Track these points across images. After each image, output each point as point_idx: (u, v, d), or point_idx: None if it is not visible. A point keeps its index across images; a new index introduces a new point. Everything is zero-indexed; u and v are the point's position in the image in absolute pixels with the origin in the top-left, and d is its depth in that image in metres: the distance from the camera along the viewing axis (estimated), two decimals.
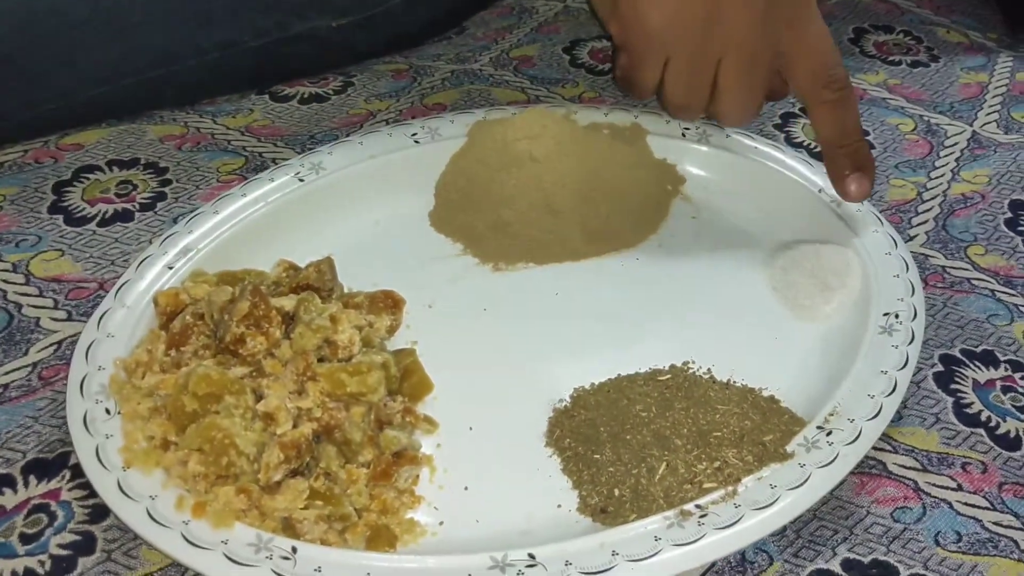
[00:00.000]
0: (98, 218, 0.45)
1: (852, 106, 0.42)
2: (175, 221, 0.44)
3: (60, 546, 0.32)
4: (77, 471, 0.33)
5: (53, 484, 0.33)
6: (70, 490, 0.33)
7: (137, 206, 0.46)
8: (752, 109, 0.43)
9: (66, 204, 0.46)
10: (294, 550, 0.30)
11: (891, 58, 0.61)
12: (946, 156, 0.52)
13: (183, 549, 0.30)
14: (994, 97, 0.57)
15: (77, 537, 0.32)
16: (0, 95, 0.48)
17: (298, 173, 0.44)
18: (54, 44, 0.48)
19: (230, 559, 0.29)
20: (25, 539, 0.32)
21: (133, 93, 0.52)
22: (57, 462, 0.34)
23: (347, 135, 0.49)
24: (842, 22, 0.64)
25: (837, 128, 0.42)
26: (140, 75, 0.52)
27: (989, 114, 0.56)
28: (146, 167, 0.48)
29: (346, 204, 0.44)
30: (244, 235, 0.41)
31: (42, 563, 0.31)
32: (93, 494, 0.33)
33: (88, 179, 0.47)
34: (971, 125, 0.55)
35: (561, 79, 0.57)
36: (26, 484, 0.33)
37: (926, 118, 0.55)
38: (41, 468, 0.34)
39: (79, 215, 0.45)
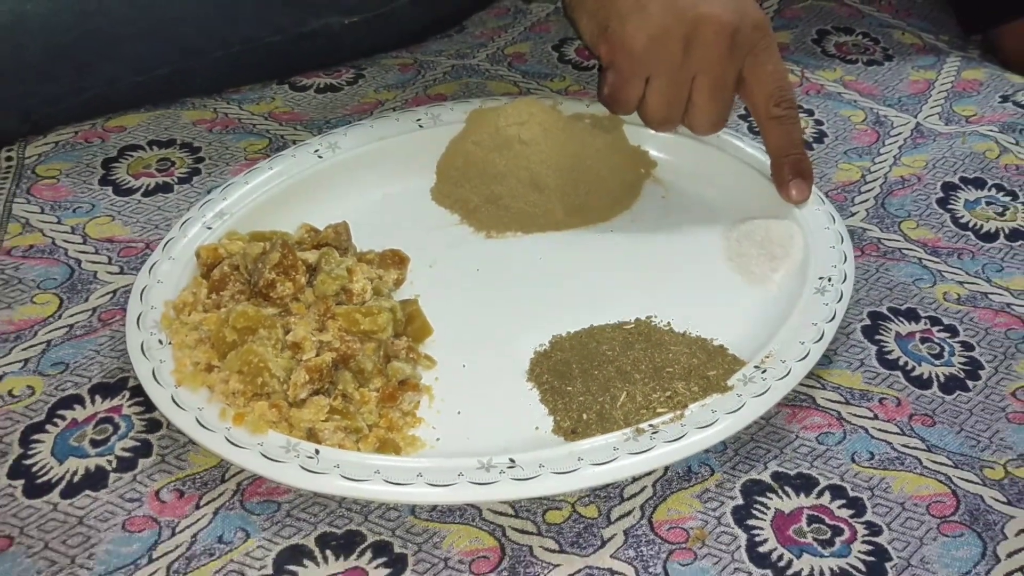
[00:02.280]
0: (142, 189, 0.52)
1: (797, 123, 0.49)
2: (209, 192, 0.51)
3: (123, 450, 0.38)
4: (135, 392, 0.40)
5: (115, 402, 0.40)
6: (129, 407, 0.40)
7: (175, 180, 0.53)
8: (721, 120, 0.49)
9: (114, 178, 0.52)
10: (317, 452, 0.37)
11: (849, 57, 0.67)
12: (890, 144, 0.59)
13: (227, 449, 0.36)
14: (939, 93, 0.64)
15: (137, 443, 0.39)
16: (53, 83, 0.54)
17: (317, 151, 0.51)
18: (101, 39, 0.54)
19: (266, 457, 0.36)
20: (95, 444, 0.38)
21: (168, 82, 0.58)
22: (118, 385, 0.41)
23: (359, 120, 0.56)
24: (807, 24, 0.70)
25: (783, 140, 0.48)
26: (173, 66, 0.58)
27: (933, 107, 0.62)
28: (182, 146, 0.55)
29: (359, 178, 0.51)
30: (271, 202, 0.48)
31: (109, 462, 0.38)
32: (149, 409, 0.39)
33: (132, 156, 0.54)
34: (915, 117, 0.61)
35: (550, 74, 0.64)
36: (92, 402, 0.40)
37: (876, 110, 0.62)
38: (104, 390, 0.41)
39: (126, 187, 0.52)
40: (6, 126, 0.54)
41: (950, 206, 0.54)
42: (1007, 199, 0.55)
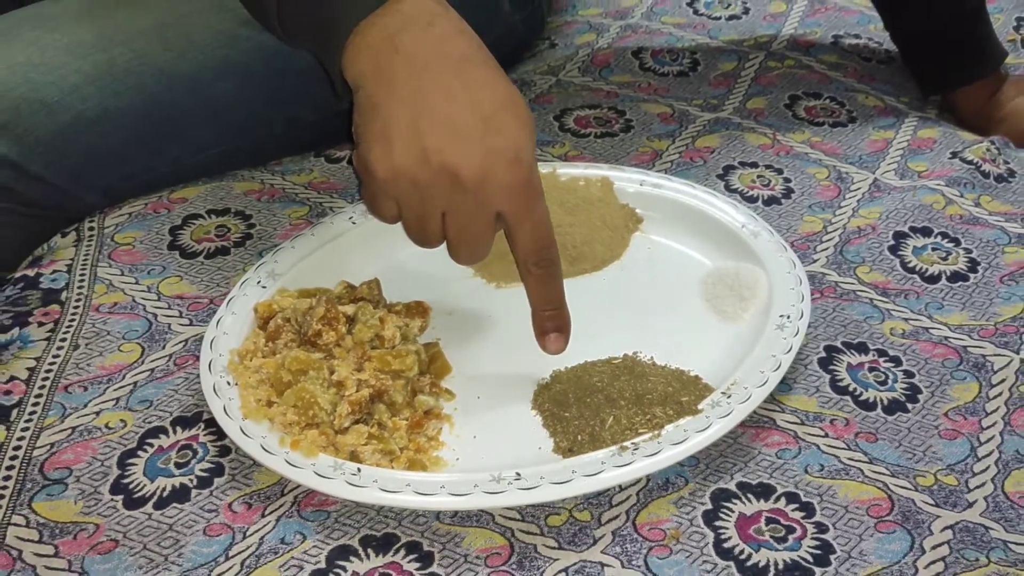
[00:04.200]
0: (204, 252, 0.61)
1: (556, 280, 0.49)
2: (261, 255, 0.60)
3: (201, 471, 0.47)
4: (208, 424, 0.49)
5: (193, 432, 0.49)
6: (205, 436, 0.48)
7: (231, 243, 0.62)
8: (477, 254, 0.48)
9: (180, 243, 0.61)
10: (359, 470, 0.45)
11: (817, 120, 0.75)
12: (850, 198, 0.67)
13: (286, 469, 0.44)
14: (896, 150, 0.72)
15: (212, 465, 0.47)
16: (129, 163, 0.64)
17: (351, 217, 0.60)
18: (168, 125, 0.64)
19: (318, 475, 0.44)
20: (178, 466, 0.47)
21: (221, 158, 0.68)
22: (194, 418, 0.49)
23: None
24: (780, 90, 0.79)
25: (542, 296, 0.49)
26: (226, 145, 0.68)
27: (889, 164, 0.70)
28: (235, 214, 0.64)
29: (387, 240, 0.59)
30: (314, 263, 0.57)
31: (191, 481, 0.46)
32: (221, 438, 0.48)
33: (194, 224, 0.63)
34: (874, 173, 0.69)
35: (551, 141, 0.73)
36: (174, 432, 0.49)
37: (838, 168, 0.70)
38: (183, 422, 0.49)
39: (190, 251, 0.61)
40: (89, 200, 0.63)
41: (900, 252, 0.62)
42: (950, 245, 0.62)
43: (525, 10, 0.83)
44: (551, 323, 0.50)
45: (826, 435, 0.50)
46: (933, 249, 0.62)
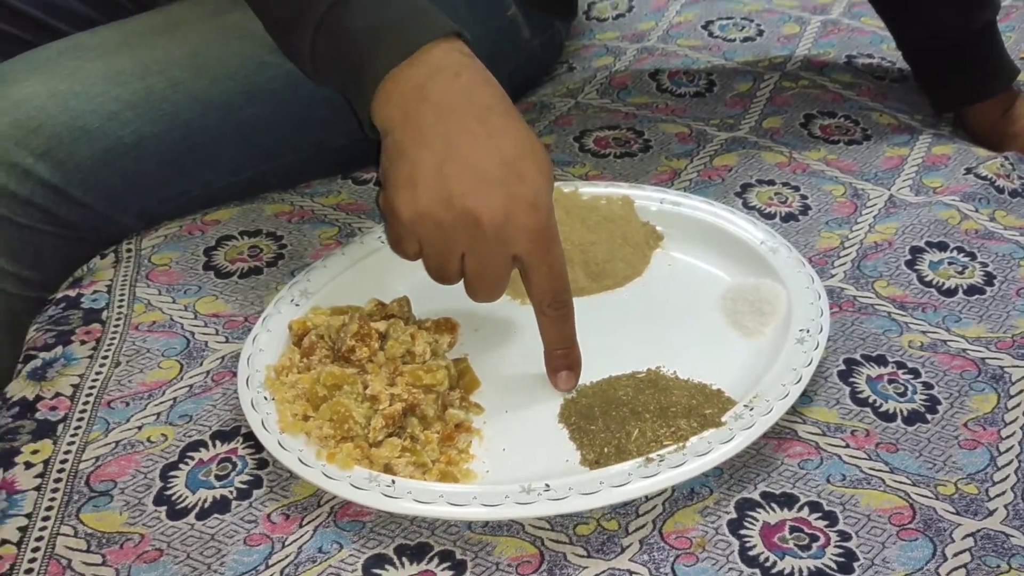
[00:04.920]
0: (238, 272, 0.63)
1: (569, 321, 0.51)
2: (293, 274, 0.62)
3: (241, 483, 0.48)
4: (247, 437, 0.50)
5: (232, 446, 0.50)
6: (244, 449, 0.50)
7: (264, 263, 0.64)
8: (494, 294, 0.50)
9: (215, 263, 0.63)
10: (393, 482, 0.46)
11: (832, 138, 0.77)
12: (866, 214, 0.68)
13: (323, 481, 0.46)
14: (911, 167, 0.73)
15: (251, 478, 0.49)
16: (164, 187, 0.66)
17: (380, 237, 0.62)
18: (202, 150, 0.66)
19: (354, 486, 0.46)
20: (218, 478, 0.49)
21: (252, 181, 0.70)
22: (232, 432, 0.51)
23: None
24: (795, 109, 0.80)
25: (555, 337, 0.51)
26: (256, 168, 0.70)
27: (905, 181, 0.72)
28: (267, 235, 0.66)
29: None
30: (345, 281, 0.58)
31: (231, 493, 0.48)
32: (259, 451, 0.49)
33: (227, 245, 0.65)
34: (889, 189, 0.71)
35: (571, 161, 0.74)
36: (214, 446, 0.50)
37: (854, 185, 0.71)
38: (222, 436, 0.51)
39: (225, 271, 0.63)
40: (126, 223, 0.65)
41: (917, 267, 0.63)
42: (966, 259, 0.63)
43: (544, 36, 0.85)
44: (563, 361, 0.52)
45: (847, 446, 0.51)
46: (949, 263, 0.63)
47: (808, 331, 0.54)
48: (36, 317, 0.60)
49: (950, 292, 0.61)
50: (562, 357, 0.52)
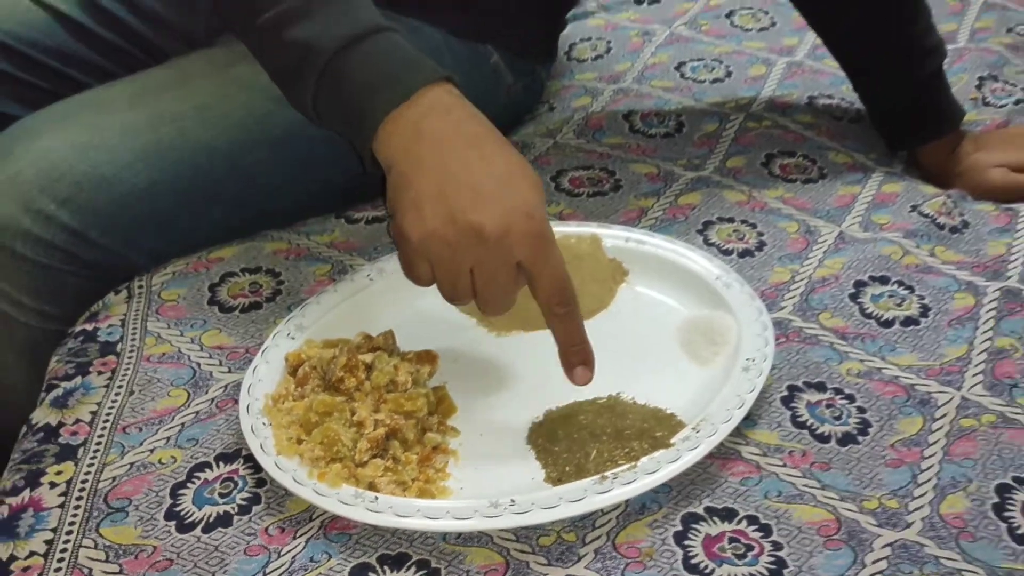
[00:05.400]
0: (239, 307, 0.69)
1: (577, 318, 0.55)
2: (289, 309, 0.68)
3: (242, 500, 0.54)
4: (247, 459, 0.56)
5: (233, 467, 0.56)
6: (244, 470, 0.56)
7: (264, 299, 0.70)
8: (503, 304, 0.55)
9: (218, 299, 0.70)
10: (376, 498, 0.52)
11: (790, 177, 0.83)
12: (817, 250, 0.74)
13: (315, 497, 0.52)
14: (861, 204, 0.79)
15: (250, 495, 0.55)
16: (173, 228, 0.72)
17: (368, 275, 0.68)
18: (208, 192, 0.72)
19: (341, 502, 0.52)
20: (222, 496, 0.55)
21: (253, 220, 0.76)
22: (234, 455, 0.57)
23: None
24: (758, 149, 0.86)
25: (566, 334, 0.55)
26: (257, 208, 0.76)
27: (855, 217, 0.78)
28: (266, 272, 0.72)
29: (399, 295, 0.67)
30: (336, 316, 0.64)
31: (233, 509, 0.54)
32: (258, 471, 0.55)
33: (230, 281, 0.71)
34: (839, 226, 0.77)
35: (548, 200, 0.80)
36: (217, 467, 0.56)
37: (807, 222, 0.77)
38: (225, 458, 0.57)
39: (228, 306, 0.69)
40: (137, 261, 0.71)
41: (859, 300, 0.69)
42: (905, 292, 0.69)
43: (526, 80, 0.91)
44: (576, 357, 0.56)
45: (785, 465, 0.57)
46: (889, 296, 0.69)
47: (754, 360, 0.60)
48: (56, 349, 0.66)
49: (888, 323, 0.67)
50: (576, 353, 0.56)
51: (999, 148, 0.83)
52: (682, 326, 0.66)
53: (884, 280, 0.70)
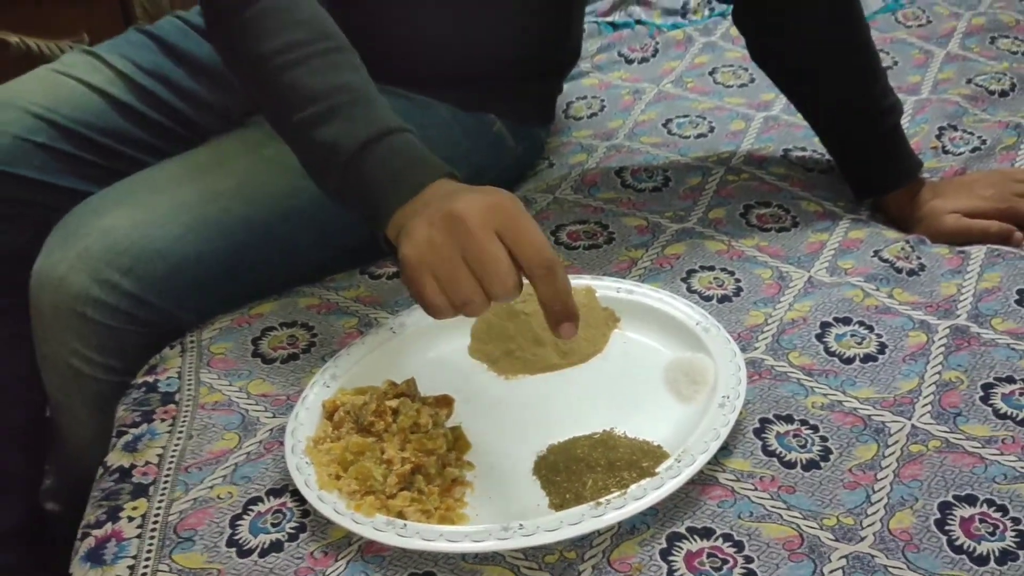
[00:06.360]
0: (279, 359, 0.79)
1: (559, 277, 0.58)
2: (323, 359, 0.77)
3: (290, 528, 0.64)
4: (294, 493, 0.66)
5: (282, 500, 0.66)
6: (291, 503, 0.65)
7: (300, 350, 0.79)
8: (506, 281, 0.58)
9: (261, 351, 0.79)
10: (405, 525, 0.61)
11: (766, 226, 0.92)
12: (788, 294, 0.83)
13: (352, 525, 0.61)
14: (829, 251, 0.89)
15: (297, 524, 0.64)
16: (217, 290, 0.82)
17: (392, 328, 0.78)
18: (248, 260, 0.82)
19: (376, 529, 0.61)
20: (273, 525, 0.64)
21: (287, 280, 0.86)
22: (282, 490, 0.66)
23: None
24: (737, 201, 0.96)
25: (547, 293, 0.59)
26: (291, 269, 0.86)
27: (822, 263, 0.87)
28: (301, 326, 0.82)
29: (420, 345, 0.77)
30: (365, 366, 0.74)
31: (283, 536, 0.63)
32: (303, 503, 0.65)
33: (270, 335, 0.81)
34: (809, 271, 0.86)
35: None
36: (268, 500, 0.66)
37: (780, 268, 0.86)
38: (274, 492, 0.66)
39: (269, 357, 0.79)
40: (188, 320, 0.81)
41: (824, 339, 0.78)
42: (865, 332, 0.78)
43: (527, 142, 1.01)
44: (561, 315, 0.60)
45: (756, 489, 0.65)
46: (851, 336, 0.78)
47: (728, 397, 0.69)
48: (122, 399, 0.76)
49: (849, 360, 0.76)
50: (560, 312, 0.59)
51: (953, 195, 0.92)
52: (667, 367, 0.75)
53: (847, 321, 0.79)
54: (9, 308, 0.88)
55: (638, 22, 1.28)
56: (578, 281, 0.81)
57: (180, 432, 0.71)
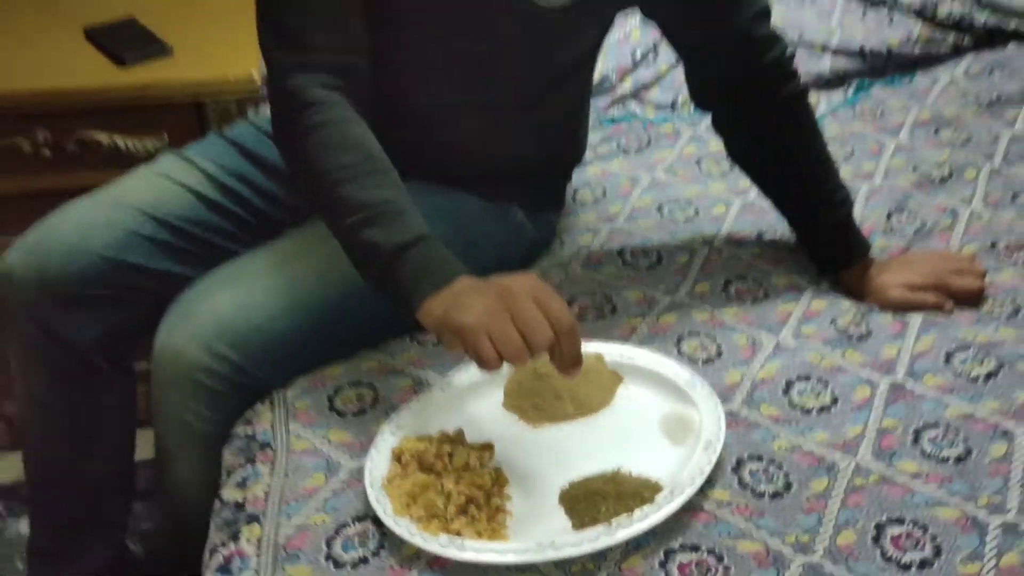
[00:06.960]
0: (350, 413, 0.97)
1: (577, 334, 0.77)
2: (386, 413, 0.96)
3: (373, 547, 0.82)
4: (374, 520, 0.84)
5: (366, 526, 0.84)
6: (372, 527, 0.84)
7: (368, 406, 0.98)
8: (545, 332, 0.76)
9: (335, 407, 0.98)
10: (463, 543, 0.80)
11: (742, 298, 1.10)
12: (760, 356, 1.02)
13: (422, 543, 0.80)
14: (795, 319, 1.07)
15: (378, 543, 0.82)
16: (300, 359, 1.00)
17: (441, 388, 0.97)
18: (323, 334, 1.01)
19: (440, 545, 0.79)
20: (360, 544, 0.82)
21: (352, 346, 1.04)
22: (364, 517, 0.85)
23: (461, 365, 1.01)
24: (720, 274, 1.14)
25: (568, 344, 0.77)
26: (356, 338, 1.05)
27: (788, 330, 1.06)
28: (366, 385, 1.00)
29: (464, 400, 0.95)
30: (422, 419, 0.93)
31: (368, 553, 0.82)
32: (381, 527, 0.83)
33: (341, 394, 1.00)
34: (777, 336, 1.05)
35: None
36: (354, 525, 0.84)
37: (753, 335, 1.05)
38: (358, 519, 0.85)
39: (342, 412, 0.97)
40: (275, 382, 1.00)
41: (788, 394, 0.97)
42: (821, 387, 0.97)
43: (543, 226, 1.21)
44: (574, 361, 0.80)
45: (733, 514, 0.84)
46: (811, 391, 0.97)
47: (712, 441, 0.88)
48: (226, 445, 0.95)
49: (808, 411, 0.95)
50: (573, 359, 0.79)
51: (898, 271, 1.12)
52: (662, 417, 0.94)
53: (807, 378, 0.98)
54: (121, 375, 1.07)
55: (633, 116, 1.48)
56: (588, 348, 1.00)
57: (278, 473, 0.90)
